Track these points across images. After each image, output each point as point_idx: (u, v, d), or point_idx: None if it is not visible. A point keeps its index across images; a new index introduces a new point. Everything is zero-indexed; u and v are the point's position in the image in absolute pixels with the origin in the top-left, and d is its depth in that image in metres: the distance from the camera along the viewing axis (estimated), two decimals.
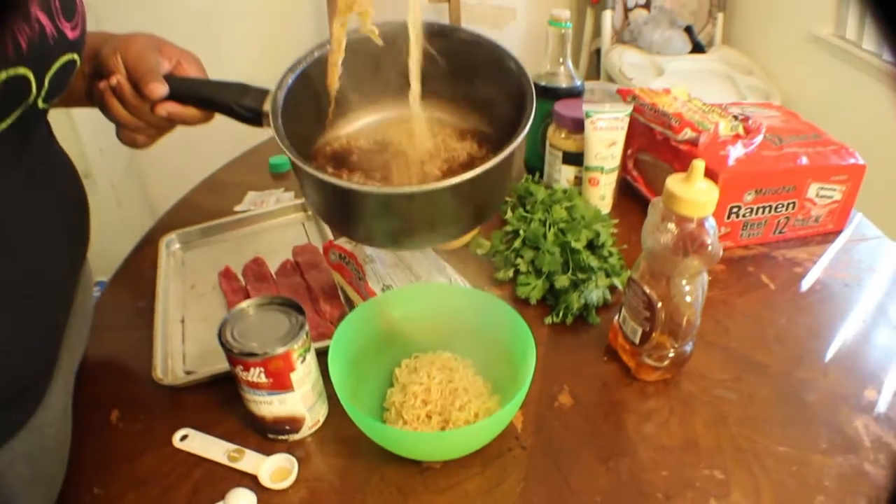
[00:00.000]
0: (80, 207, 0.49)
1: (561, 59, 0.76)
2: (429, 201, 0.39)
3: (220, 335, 0.44)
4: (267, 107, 0.44)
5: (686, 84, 1.62)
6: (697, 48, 1.77)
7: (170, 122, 0.48)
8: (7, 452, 0.40)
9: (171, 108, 0.46)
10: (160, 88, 0.45)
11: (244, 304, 0.46)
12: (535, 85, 0.78)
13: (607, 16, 1.74)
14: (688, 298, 0.49)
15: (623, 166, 0.77)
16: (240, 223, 0.76)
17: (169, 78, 0.46)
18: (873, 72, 1.40)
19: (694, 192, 0.44)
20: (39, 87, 0.37)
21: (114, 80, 0.46)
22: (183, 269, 0.70)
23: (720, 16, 1.79)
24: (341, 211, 0.44)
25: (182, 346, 0.59)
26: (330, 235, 0.71)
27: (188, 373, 0.55)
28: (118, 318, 0.65)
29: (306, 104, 0.47)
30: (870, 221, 0.80)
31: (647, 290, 0.50)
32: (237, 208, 0.80)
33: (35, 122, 0.41)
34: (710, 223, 0.46)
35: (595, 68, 1.92)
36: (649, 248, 0.49)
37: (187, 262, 0.71)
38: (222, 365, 0.54)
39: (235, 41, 1.69)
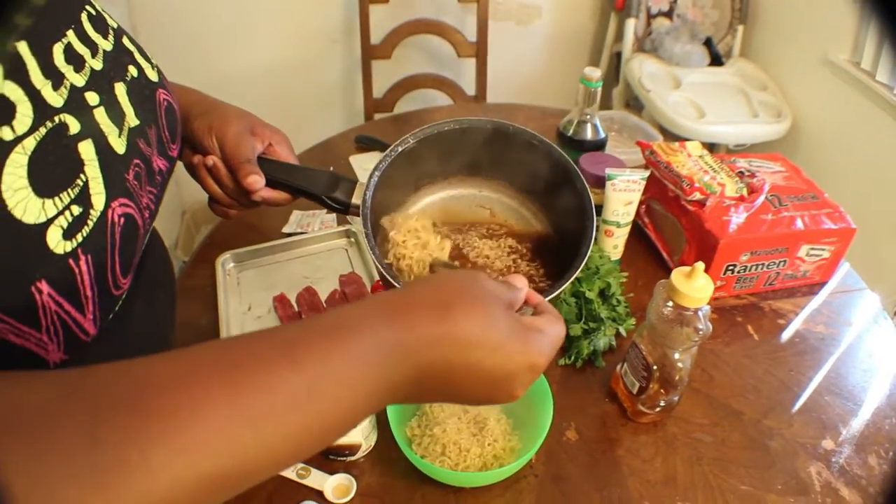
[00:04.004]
0: (171, 285, 0.54)
1: (588, 114, 0.83)
2: None
3: None
4: (356, 199, 0.51)
5: (701, 97, 1.67)
6: (716, 60, 1.81)
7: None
8: None
9: (266, 194, 0.52)
10: (259, 181, 0.50)
11: None
12: (563, 135, 0.86)
13: (630, 24, 1.77)
14: (679, 365, 0.59)
15: (635, 212, 0.85)
16: (288, 246, 0.85)
17: (262, 163, 0.51)
18: (884, 104, 1.46)
19: (693, 288, 0.54)
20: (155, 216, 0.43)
21: (210, 161, 0.51)
22: (238, 289, 0.80)
23: (740, 28, 1.82)
24: None
25: None
26: (372, 265, 0.80)
27: None
28: (186, 335, 0.74)
29: (384, 193, 0.55)
30: (855, 272, 0.88)
31: (647, 355, 0.60)
32: (285, 229, 0.89)
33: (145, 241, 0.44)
34: (704, 310, 0.56)
35: (615, 71, 1.96)
36: (652, 322, 0.58)
37: (242, 282, 0.81)
38: None
39: (266, 23, 1.72)
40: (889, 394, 0.70)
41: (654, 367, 0.59)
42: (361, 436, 0.57)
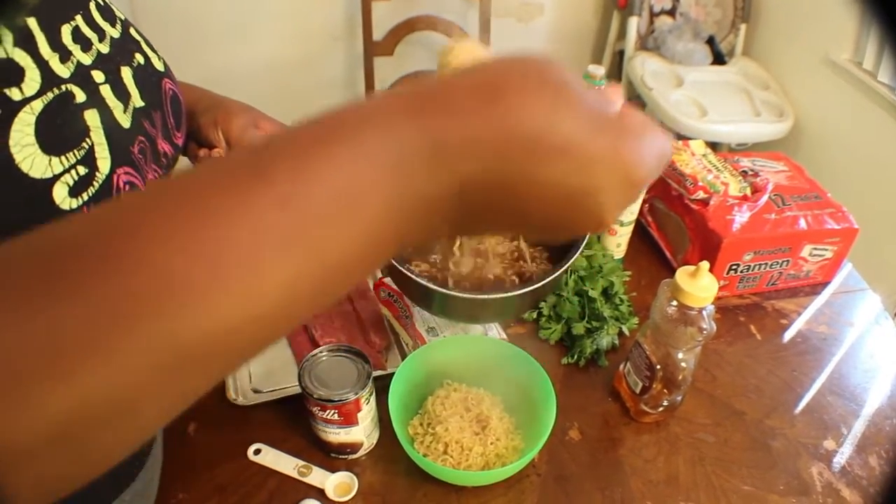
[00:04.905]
0: None
1: None
2: (497, 303, 0.50)
3: (301, 379, 0.53)
4: None
5: (703, 96, 1.67)
6: (718, 58, 1.81)
7: None
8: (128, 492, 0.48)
9: None
10: None
11: (318, 350, 0.56)
12: None
13: (633, 22, 1.77)
14: (683, 364, 0.59)
15: (638, 211, 0.85)
16: None
17: None
18: (885, 104, 1.46)
19: (698, 288, 0.53)
20: None
21: (216, 154, 0.53)
22: None
23: (743, 27, 1.82)
24: (425, 300, 0.53)
25: (247, 364, 0.68)
26: None
27: (255, 391, 0.65)
28: None
29: None
30: (857, 272, 0.88)
31: (650, 355, 0.59)
32: None
33: None
34: (708, 310, 0.56)
35: (617, 69, 1.95)
36: (655, 321, 0.58)
37: None
38: (286, 385, 0.64)
39: (268, 19, 1.72)
40: (890, 394, 0.70)
41: (658, 367, 0.59)
42: (363, 434, 0.56)
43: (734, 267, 0.78)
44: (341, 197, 0.20)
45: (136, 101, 0.39)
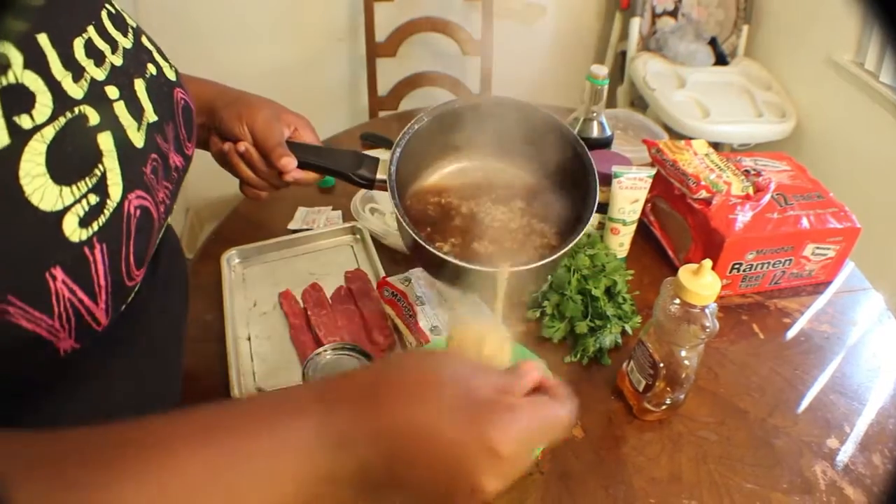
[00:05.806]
0: (184, 279, 0.54)
1: (594, 111, 0.83)
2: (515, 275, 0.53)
3: (304, 378, 0.54)
4: (380, 174, 0.55)
5: (706, 96, 1.67)
6: (720, 59, 1.81)
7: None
8: None
9: (297, 174, 0.54)
10: (292, 162, 0.53)
11: (322, 348, 0.56)
12: None
13: (635, 23, 1.77)
14: (686, 362, 0.59)
15: (641, 210, 0.85)
16: (294, 242, 0.85)
17: (291, 146, 0.54)
18: (888, 105, 1.46)
19: (700, 286, 0.54)
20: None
21: (242, 147, 0.54)
22: (244, 286, 0.80)
23: (745, 28, 1.82)
24: (444, 273, 0.55)
25: (252, 363, 0.69)
26: (378, 262, 0.80)
27: (259, 389, 0.65)
28: (191, 331, 0.74)
29: (404, 166, 0.57)
30: (860, 272, 0.88)
31: (653, 353, 0.60)
32: (290, 226, 0.89)
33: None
34: (711, 308, 0.56)
35: (619, 69, 1.95)
36: (658, 320, 0.59)
37: (247, 279, 0.81)
38: (290, 383, 0.65)
39: (271, 21, 1.72)
40: (893, 393, 0.70)
41: (661, 365, 0.59)
42: None
43: (737, 266, 0.78)
44: (251, 480, 0.26)
45: (150, 115, 0.39)
